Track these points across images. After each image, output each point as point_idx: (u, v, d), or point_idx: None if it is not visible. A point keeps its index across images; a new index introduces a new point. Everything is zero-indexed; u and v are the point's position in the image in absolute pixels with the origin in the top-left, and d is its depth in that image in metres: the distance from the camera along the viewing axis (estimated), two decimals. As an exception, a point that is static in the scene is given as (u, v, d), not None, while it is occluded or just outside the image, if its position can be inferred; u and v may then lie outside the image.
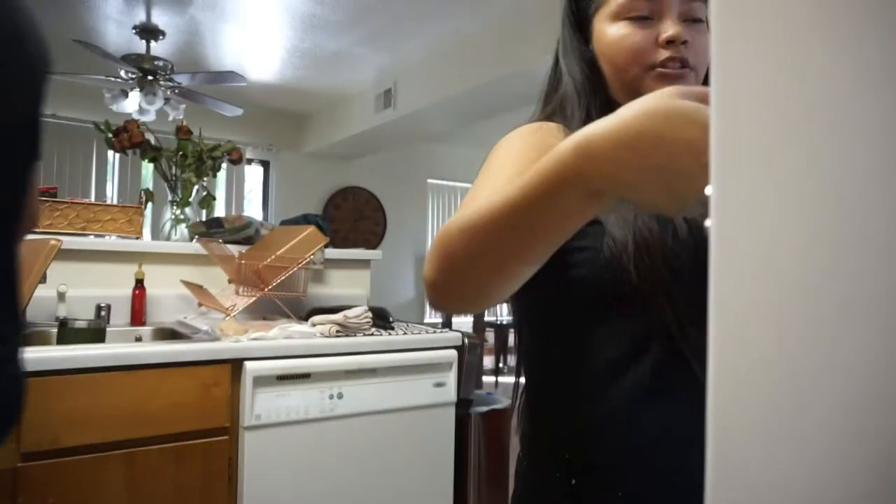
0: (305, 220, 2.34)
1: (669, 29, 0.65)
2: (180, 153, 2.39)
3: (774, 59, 0.26)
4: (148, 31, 3.59)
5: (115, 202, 4.25)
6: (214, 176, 2.55)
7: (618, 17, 0.68)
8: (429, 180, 6.50)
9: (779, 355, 0.25)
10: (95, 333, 1.69)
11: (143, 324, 1.97)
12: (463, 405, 1.91)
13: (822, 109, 0.24)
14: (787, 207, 0.25)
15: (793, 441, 0.24)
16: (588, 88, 0.72)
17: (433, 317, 6.44)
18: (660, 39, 0.66)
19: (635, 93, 0.67)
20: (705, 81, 0.66)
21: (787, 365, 0.25)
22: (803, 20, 0.25)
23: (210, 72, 3.83)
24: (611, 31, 0.68)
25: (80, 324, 1.69)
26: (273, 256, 1.88)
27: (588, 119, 0.68)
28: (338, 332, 1.75)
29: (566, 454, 0.66)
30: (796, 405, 0.25)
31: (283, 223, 2.42)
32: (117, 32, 3.70)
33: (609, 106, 0.69)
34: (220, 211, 5.05)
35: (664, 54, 0.66)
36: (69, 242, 1.87)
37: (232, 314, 1.86)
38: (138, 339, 1.88)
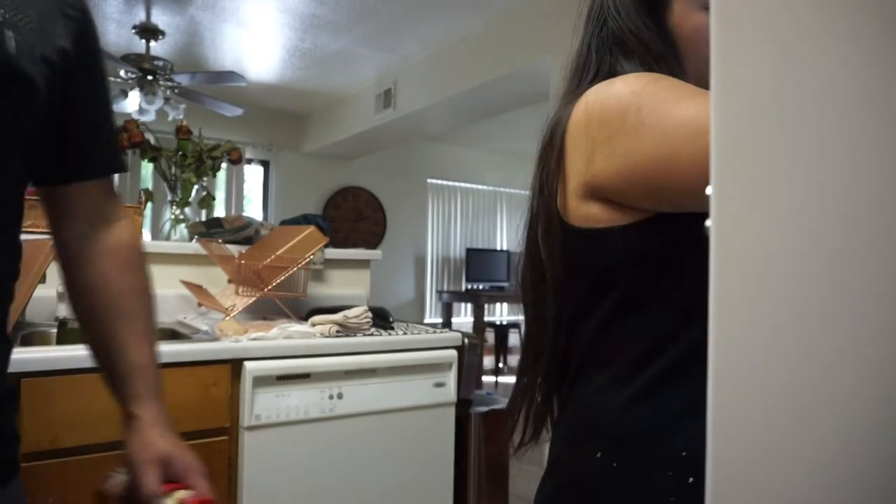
0: (305, 220, 2.34)
1: None
2: (180, 153, 2.39)
3: (774, 59, 0.26)
4: (148, 31, 3.59)
5: (114, 202, 4.24)
6: (214, 176, 2.55)
7: (706, 5, 0.65)
8: (429, 180, 6.50)
9: (779, 356, 0.25)
10: (95, 333, 1.69)
11: (142, 324, 1.97)
12: (463, 405, 1.91)
13: (822, 110, 0.24)
14: (787, 208, 0.25)
15: (794, 442, 0.24)
16: (666, 57, 0.67)
17: (433, 317, 6.44)
18: None
19: (705, 83, 0.65)
20: None
21: (787, 366, 0.25)
22: (803, 21, 0.25)
23: (210, 72, 3.83)
24: (701, 19, 0.66)
25: (80, 324, 1.69)
26: (273, 256, 1.88)
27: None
28: (338, 332, 1.75)
29: (682, 451, 0.60)
30: (797, 406, 0.24)
31: (283, 223, 2.42)
32: (117, 32, 3.70)
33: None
34: (219, 211, 5.05)
35: None
36: (69, 242, 1.87)
37: (232, 314, 1.86)
38: (138, 339, 1.88)
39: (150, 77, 3.53)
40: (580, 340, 0.69)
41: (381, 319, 1.96)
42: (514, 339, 6.36)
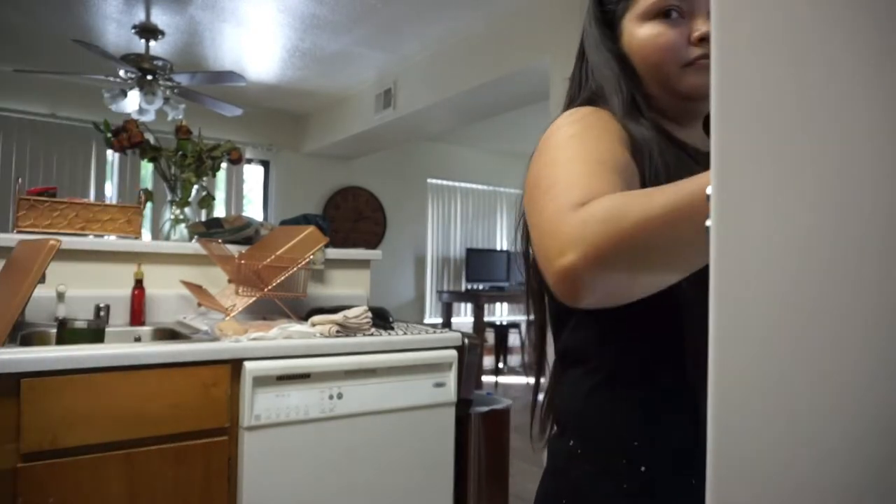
0: (305, 220, 2.34)
1: (702, 27, 0.68)
2: (180, 153, 2.39)
3: (774, 59, 0.26)
4: (147, 31, 3.59)
5: (114, 202, 4.26)
6: (214, 176, 2.55)
7: (647, 16, 0.70)
8: (429, 180, 6.50)
9: (778, 356, 0.25)
10: (95, 333, 1.69)
11: (142, 324, 1.97)
12: (463, 405, 1.91)
13: (821, 110, 0.24)
14: (786, 208, 0.25)
15: (792, 439, 0.24)
16: (624, 82, 0.72)
17: (433, 317, 6.44)
18: (693, 37, 0.68)
19: (669, 87, 0.71)
20: None
21: (786, 366, 0.25)
22: (803, 21, 0.25)
23: (210, 72, 3.83)
24: (643, 31, 0.70)
25: (80, 324, 1.69)
26: (273, 256, 1.88)
27: (633, 106, 0.71)
28: (338, 332, 1.75)
29: (634, 441, 0.65)
30: (795, 406, 0.24)
31: (283, 223, 2.42)
32: (117, 32, 3.70)
33: (647, 98, 0.72)
34: (219, 211, 5.05)
35: (696, 52, 0.68)
36: (68, 242, 1.87)
37: (232, 314, 1.86)
38: (138, 340, 1.88)
39: (149, 77, 3.53)
40: (565, 341, 0.75)
41: (381, 319, 1.96)
42: (513, 339, 6.36)
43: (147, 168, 4.44)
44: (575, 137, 0.65)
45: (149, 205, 2.97)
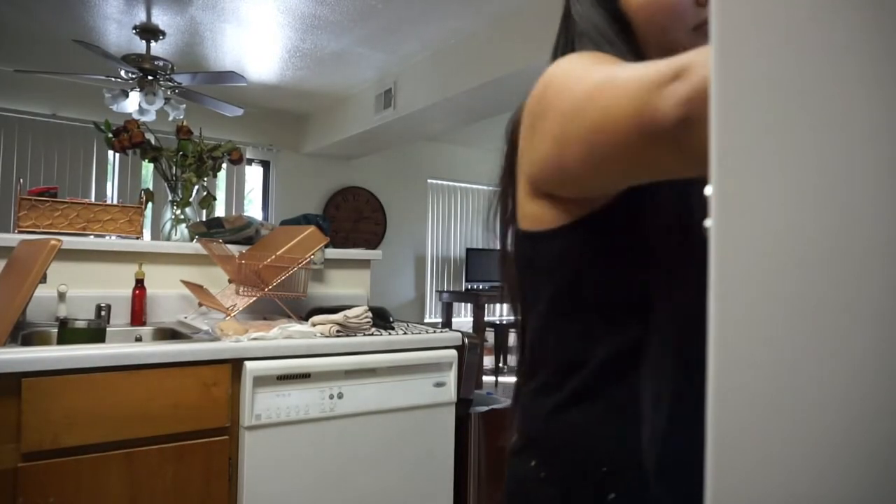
0: (306, 220, 2.34)
1: None
2: (180, 153, 2.39)
3: (775, 58, 0.26)
4: (148, 31, 3.59)
5: (115, 202, 4.25)
6: (215, 176, 2.55)
7: None
8: (429, 180, 6.50)
9: (778, 356, 0.25)
10: (95, 333, 1.69)
11: (143, 324, 1.97)
12: (463, 405, 1.91)
13: (822, 109, 0.24)
14: (787, 208, 0.25)
15: (792, 442, 0.24)
16: (617, 40, 0.67)
17: (433, 317, 6.44)
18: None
19: (668, 50, 0.63)
20: None
21: (786, 366, 0.25)
22: (805, 20, 0.25)
23: (210, 72, 3.83)
24: None
25: (81, 324, 1.69)
26: (273, 256, 1.88)
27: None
28: (338, 332, 1.75)
29: (602, 466, 0.61)
30: (796, 406, 0.25)
31: (284, 223, 2.42)
32: (117, 32, 3.70)
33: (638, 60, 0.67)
34: (220, 211, 5.05)
35: (704, 14, 0.61)
36: (69, 242, 1.87)
37: (232, 314, 1.86)
38: (138, 339, 1.88)
39: (150, 77, 3.53)
40: (531, 347, 0.70)
41: (381, 319, 1.96)
42: (514, 338, 6.35)
43: (148, 168, 4.44)
44: (590, 58, 0.59)
45: (149, 205, 2.97)
